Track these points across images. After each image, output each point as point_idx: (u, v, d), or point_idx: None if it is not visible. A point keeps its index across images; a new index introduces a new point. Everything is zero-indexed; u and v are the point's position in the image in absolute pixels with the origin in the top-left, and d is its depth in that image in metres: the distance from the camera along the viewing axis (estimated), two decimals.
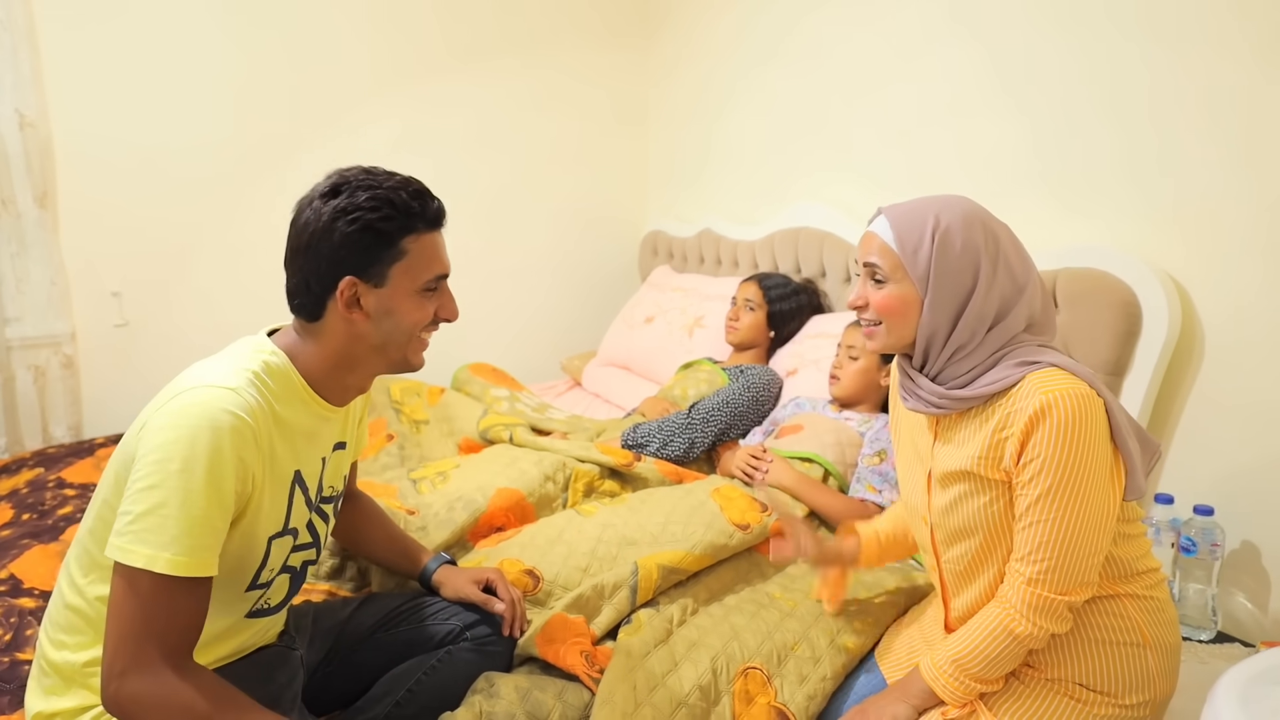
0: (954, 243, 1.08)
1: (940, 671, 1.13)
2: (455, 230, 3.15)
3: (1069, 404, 1.01)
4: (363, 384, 1.14)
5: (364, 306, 1.05)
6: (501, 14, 2.95)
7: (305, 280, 1.04)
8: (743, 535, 1.54)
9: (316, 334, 1.07)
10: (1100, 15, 1.71)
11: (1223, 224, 1.55)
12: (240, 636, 1.11)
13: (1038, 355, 1.07)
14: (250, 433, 0.96)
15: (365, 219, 1.02)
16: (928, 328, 1.10)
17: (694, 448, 1.92)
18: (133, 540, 0.91)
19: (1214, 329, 1.57)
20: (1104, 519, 1.05)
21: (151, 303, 2.52)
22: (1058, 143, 1.82)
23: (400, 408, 2.29)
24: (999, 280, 1.08)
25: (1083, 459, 1.02)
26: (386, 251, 1.04)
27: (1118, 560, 1.13)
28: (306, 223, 1.03)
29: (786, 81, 2.59)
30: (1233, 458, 1.55)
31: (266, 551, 1.06)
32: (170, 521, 0.91)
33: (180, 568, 0.91)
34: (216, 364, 1.02)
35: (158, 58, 2.41)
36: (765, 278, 2.29)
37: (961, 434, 1.12)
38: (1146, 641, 1.12)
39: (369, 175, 1.06)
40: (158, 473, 0.91)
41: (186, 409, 0.94)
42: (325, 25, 2.65)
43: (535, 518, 1.68)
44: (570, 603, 1.35)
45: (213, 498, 0.93)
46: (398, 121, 2.82)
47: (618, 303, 3.28)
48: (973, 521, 1.12)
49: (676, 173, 3.23)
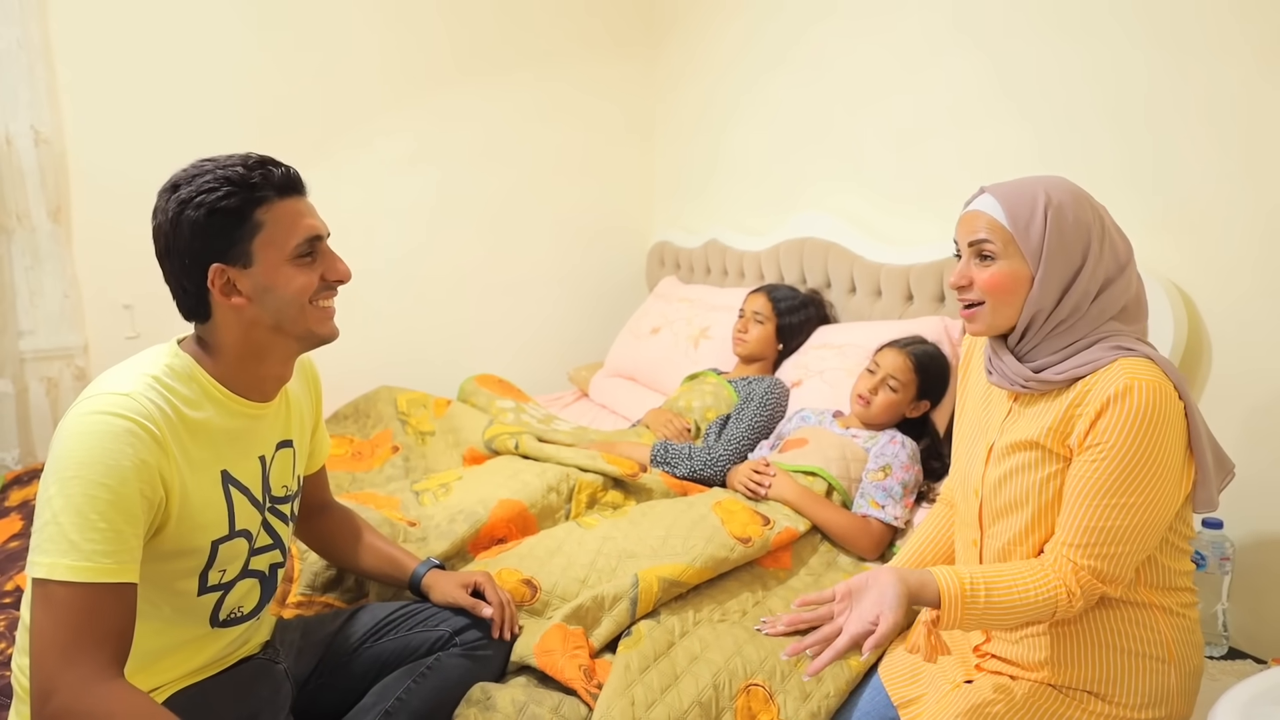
0: (1067, 216, 1.07)
1: (963, 586, 1.01)
2: (463, 241, 3.19)
3: (1148, 394, 1.00)
4: (281, 371, 1.12)
5: (241, 290, 1.02)
6: (510, 28, 2.97)
7: (178, 282, 1.03)
8: (744, 549, 1.53)
9: (213, 332, 1.05)
10: (1103, 22, 1.70)
11: (1226, 230, 1.54)
12: (213, 647, 1.10)
13: (1134, 345, 1.06)
14: (149, 436, 0.94)
15: (208, 202, 0.99)
16: (1035, 304, 1.08)
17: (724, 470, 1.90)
18: (36, 553, 0.89)
19: (1219, 336, 1.56)
20: (1159, 518, 1.03)
21: (163, 316, 2.48)
22: (1061, 150, 1.81)
23: (406, 419, 2.30)
24: (1105, 257, 1.08)
25: (1151, 451, 1.00)
26: (241, 229, 1.01)
27: (1161, 569, 1.10)
28: (159, 226, 1.02)
29: (792, 92, 2.59)
30: (1242, 469, 1.52)
31: (212, 554, 1.04)
32: (67, 528, 0.88)
33: (81, 573, 0.88)
34: (116, 372, 1.01)
35: (171, 75, 2.45)
36: (774, 289, 2.28)
37: (1038, 408, 1.11)
38: (1171, 658, 1.09)
39: (204, 161, 1.04)
40: (54, 483, 0.91)
41: (80, 419, 0.94)
42: (337, 41, 2.68)
43: (537, 529, 1.68)
44: (569, 613, 1.35)
45: (112, 502, 0.90)
46: (409, 135, 2.84)
47: (625, 313, 3.28)
48: (1025, 495, 1.11)
49: (683, 183, 3.23)
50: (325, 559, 1.46)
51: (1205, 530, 1.50)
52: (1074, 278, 1.08)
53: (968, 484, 1.23)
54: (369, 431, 2.35)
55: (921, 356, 1.79)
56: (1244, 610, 1.53)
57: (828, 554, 1.67)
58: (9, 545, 1.64)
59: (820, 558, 1.66)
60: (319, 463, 1.36)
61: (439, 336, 3.00)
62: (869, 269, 2.22)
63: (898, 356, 1.79)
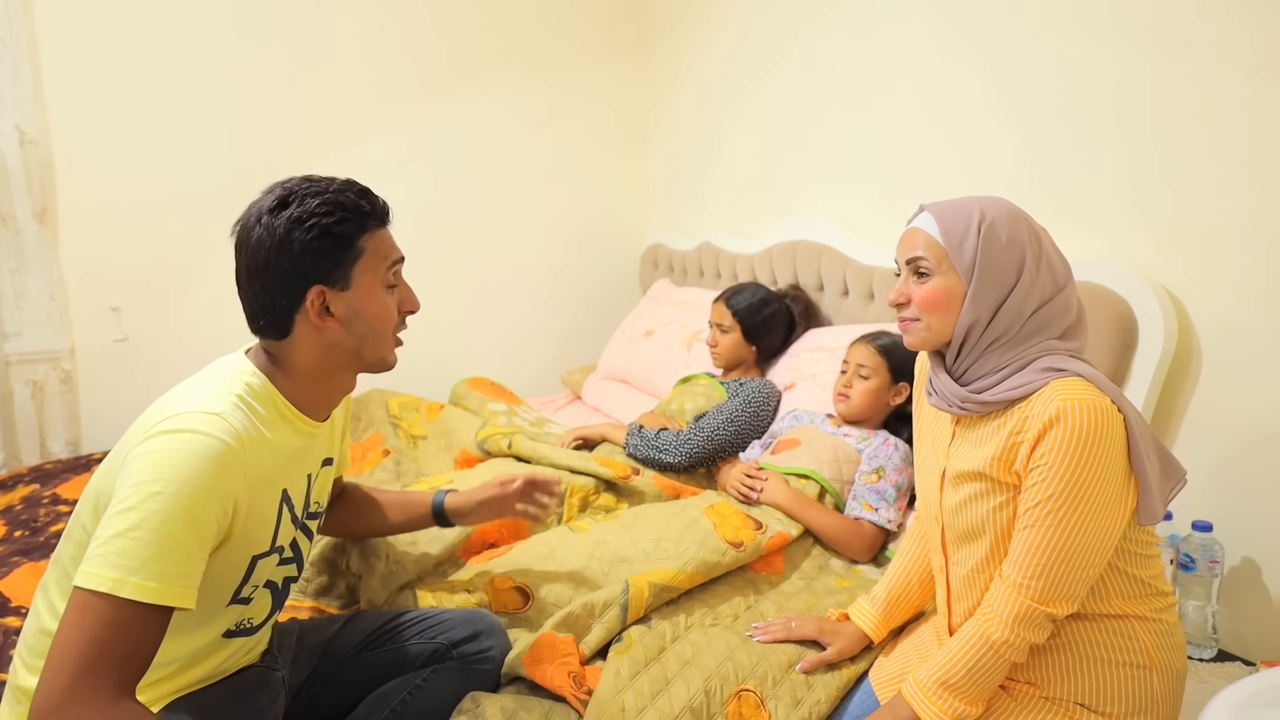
0: (1000, 235, 1.09)
1: (923, 689, 1.11)
2: (457, 243, 3.18)
3: (1083, 414, 1.00)
4: (342, 393, 1.14)
5: (334, 313, 1.04)
6: (502, 31, 2.96)
7: (270, 298, 1.03)
8: (736, 553, 1.53)
9: (288, 351, 1.06)
10: (1100, 26, 1.70)
11: (1218, 237, 1.54)
12: (217, 657, 1.10)
13: (1065, 364, 1.06)
14: (238, 459, 0.94)
15: (322, 224, 1.01)
16: (968, 319, 1.10)
17: (692, 459, 1.91)
18: (100, 564, 0.86)
19: (1210, 343, 1.56)
20: (1103, 536, 1.03)
21: (151, 318, 2.53)
22: (1056, 156, 1.81)
23: (398, 423, 2.29)
24: (1041, 277, 1.09)
25: (1089, 472, 1.01)
26: (346, 254, 1.04)
27: (1131, 580, 1.11)
28: (260, 240, 1.01)
29: (785, 95, 2.59)
30: (1231, 473, 1.53)
31: (250, 570, 1.04)
32: (143, 545, 0.87)
33: (148, 594, 0.86)
34: (198, 387, 1.01)
35: (159, 75, 2.43)
36: (731, 296, 2.23)
37: (979, 434, 1.12)
38: (1153, 664, 1.10)
39: (312, 182, 1.05)
40: (135, 495, 0.89)
41: (173, 435, 0.92)
42: (328, 42, 2.67)
43: (529, 533, 1.67)
44: (560, 621, 1.34)
45: (191, 526, 0.90)
46: (401, 137, 2.83)
47: (618, 316, 3.28)
48: (981, 523, 1.12)
49: (677, 186, 3.23)
50: (352, 536, 1.48)
51: (1195, 533, 1.50)
52: (1007, 295, 1.09)
53: (929, 509, 1.24)
54: (360, 434, 2.34)
55: (885, 342, 1.81)
56: (1233, 612, 1.54)
57: (820, 558, 1.67)
58: None
59: (813, 561, 1.66)
60: (342, 469, 1.36)
61: (430, 339, 2.97)
62: (862, 272, 2.22)
63: (862, 347, 1.82)
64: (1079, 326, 1.13)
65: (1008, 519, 1.09)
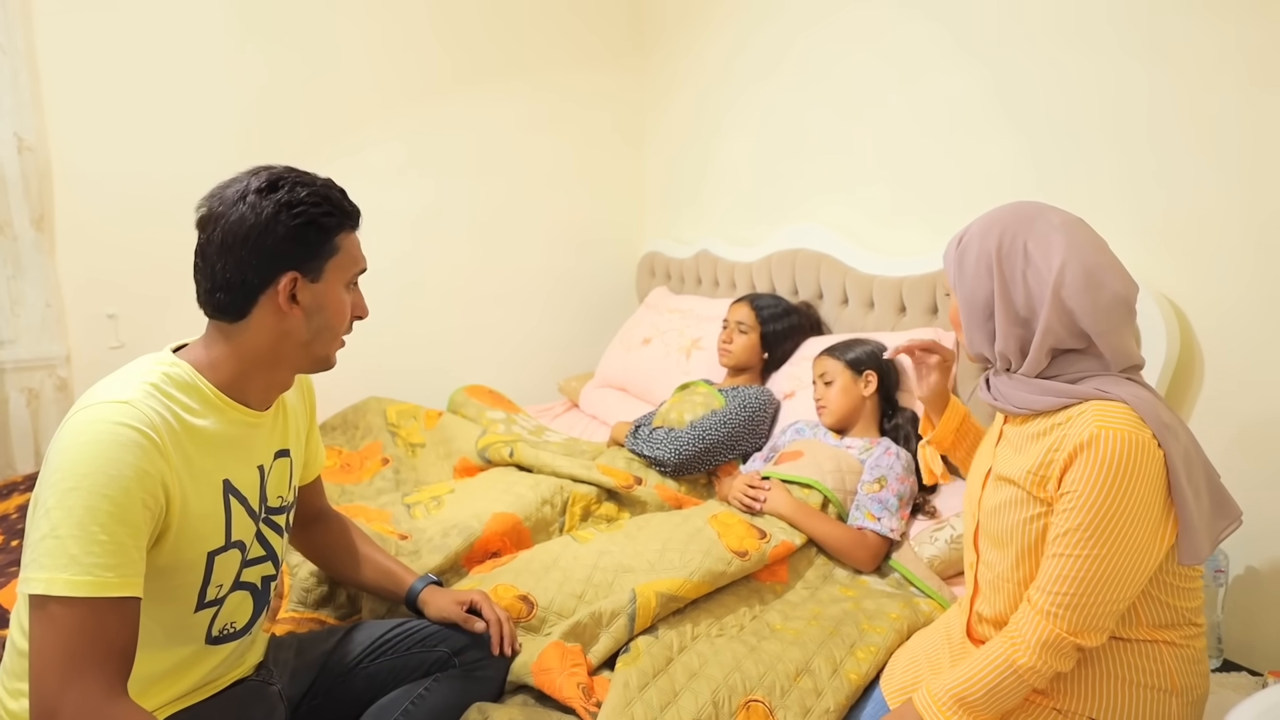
0: (969, 252, 1.12)
1: (936, 701, 1.09)
2: (454, 250, 3.17)
3: (1116, 444, 0.98)
4: (285, 382, 1.13)
5: (299, 301, 1.05)
6: (500, 37, 2.96)
7: (241, 274, 1.02)
8: (741, 562, 1.52)
9: (237, 334, 1.05)
10: (1099, 34, 1.72)
11: (1219, 243, 1.55)
12: (205, 665, 1.08)
13: (1114, 386, 1.04)
14: (151, 444, 0.92)
15: (309, 213, 1.03)
16: (966, 332, 1.16)
17: (681, 458, 1.91)
18: (34, 569, 0.86)
19: (1212, 350, 1.57)
20: (1134, 571, 1.00)
21: (148, 325, 2.51)
22: (1056, 162, 1.82)
23: (396, 431, 2.28)
24: (1017, 286, 1.08)
25: (1119, 504, 0.98)
26: (324, 247, 1.06)
27: (1168, 609, 1.09)
28: (243, 217, 1.01)
29: (783, 101, 2.60)
30: (1235, 481, 1.53)
31: (208, 567, 1.02)
32: (67, 541, 0.86)
33: (80, 588, 0.85)
34: (111, 381, 0.99)
35: (158, 82, 2.42)
36: (757, 299, 2.27)
37: (1021, 440, 1.12)
38: (1174, 688, 1.09)
39: (299, 173, 1.07)
40: (52, 495, 0.88)
41: (80, 428, 0.91)
42: (327, 50, 2.66)
43: (531, 542, 1.66)
44: (567, 630, 1.33)
45: (113, 514, 0.88)
46: (399, 144, 2.83)
47: (615, 324, 3.28)
48: (1010, 532, 1.11)
49: (674, 194, 3.24)
50: (322, 569, 1.44)
51: None
52: (989, 306, 1.11)
53: (970, 503, 1.24)
54: (358, 443, 2.32)
55: (837, 348, 1.93)
56: (1240, 622, 1.54)
57: (824, 567, 1.67)
58: None
59: (816, 571, 1.65)
60: (315, 472, 1.34)
61: (427, 346, 2.98)
62: (861, 281, 2.22)
63: (817, 360, 1.95)
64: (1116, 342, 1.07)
65: (1036, 534, 1.07)
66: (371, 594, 1.42)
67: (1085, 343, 1.07)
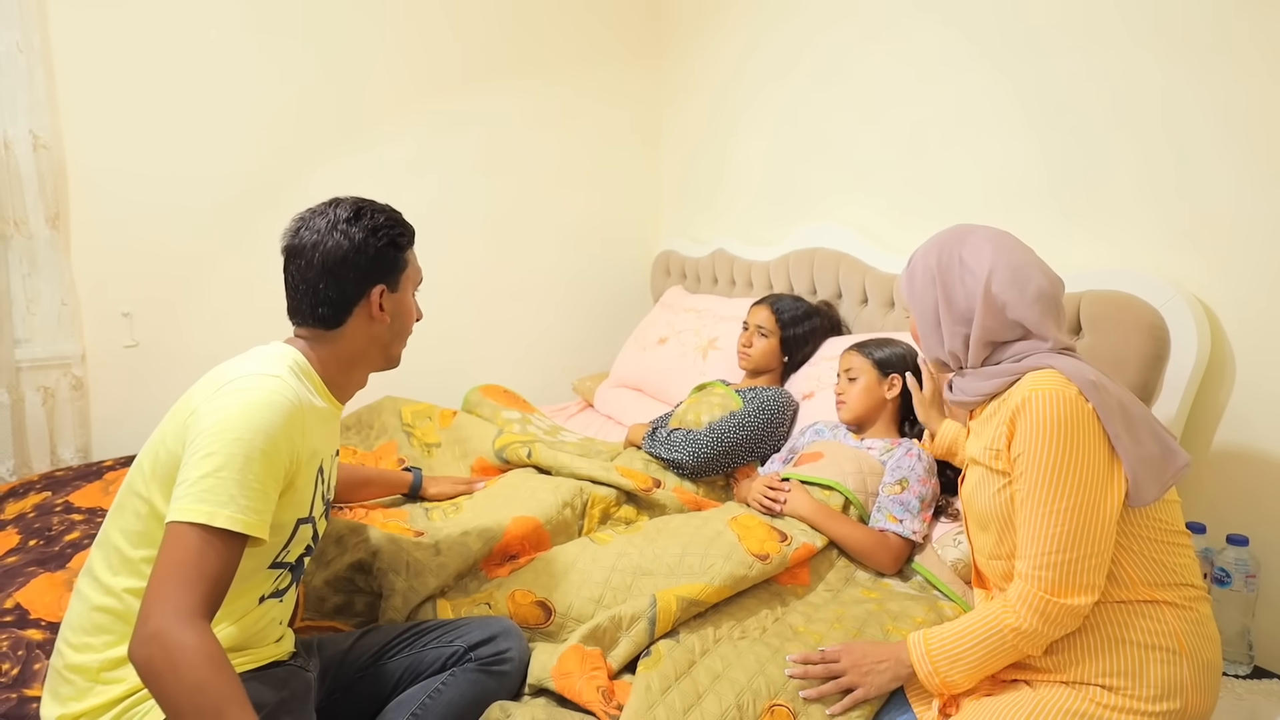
0: (914, 271, 1.29)
1: (929, 650, 1.19)
2: (468, 248, 3.16)
3: (1044, 404, 1.09)
4: (364, 379, 1.29)
5: (385, 309, 1.23)
6: (516, 34, 2.96)
7: (341, 291, 1.19)
8: (762, 566, 1.50)
9: (334, 339, 1.21)
10: (1115, 32, 1.69)
11: (1248, 242, 1.52)
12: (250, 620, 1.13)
13: (1050, 359, 1.16)
14: (298, 417, 1.07)
15: (390, 235, 1.21)
16: (922, 340, 1.31)
17: (699, 460, 1.90)
18: (193, 500, 0.97)
19: (1243, 352, 1.54)
20: (1098, 519, 1.08)
21: (162, 323, 2.51)
22: (1077, 162, 1.79)
23: (412, 431, 2.26)
24: (957, 290, 1.22)
25: (1064, 457, 1.08)
26: (399, 261, 1.24)
27: (1160, 566, 1.13)
28: (339, 244, 1.18)
29: (800, 101, 2.58)
30: (1267, 485, 1.51)
31: (292, 533, 1.14)
32: (229, 482, 0.98)
33: (238, 524, 0.97)
34: (252, 361, 1.13)
35: (173, 81, 2.42)
36: (777, 301, 2.23)
37: (980, 426, 1.25)
38: (1183, 650, 1.10)
39: (372, 202, 1.24)
40: (215, 441, 1.00)
41: (241, 392, 1.05)
42: (344, 48, 2.66)
43: (551, 545, 1.64)
44: (586, 634, 1.31)
45: (267, 467, 1.01)
46: (413, 141, 2.82)
47: (629, 323, 3.26)
48: (987, 510, 1.21)
49: (689, 192, 3.22)
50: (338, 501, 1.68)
51: (1230, 547, 1.48)
52: (935, 315, 1.26)
53: (962, 493, 1.34)
54: (372, 443, 2.31)
55: (869, 344, 1.88)
56: (1272, 627, 1.51)
57: (845, 569, 1.65)
58: (6, 561, 1.60)
59: (838, 573, 1.63)
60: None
61: (441, 344, 2.96)
62: (881, 280, 2.20)
63: (844, 355, 1.90)
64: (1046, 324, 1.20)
65: (1005, 505, 1.17)
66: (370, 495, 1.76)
67: (1020, 332, 1.20)
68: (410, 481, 1.84)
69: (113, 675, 1.04)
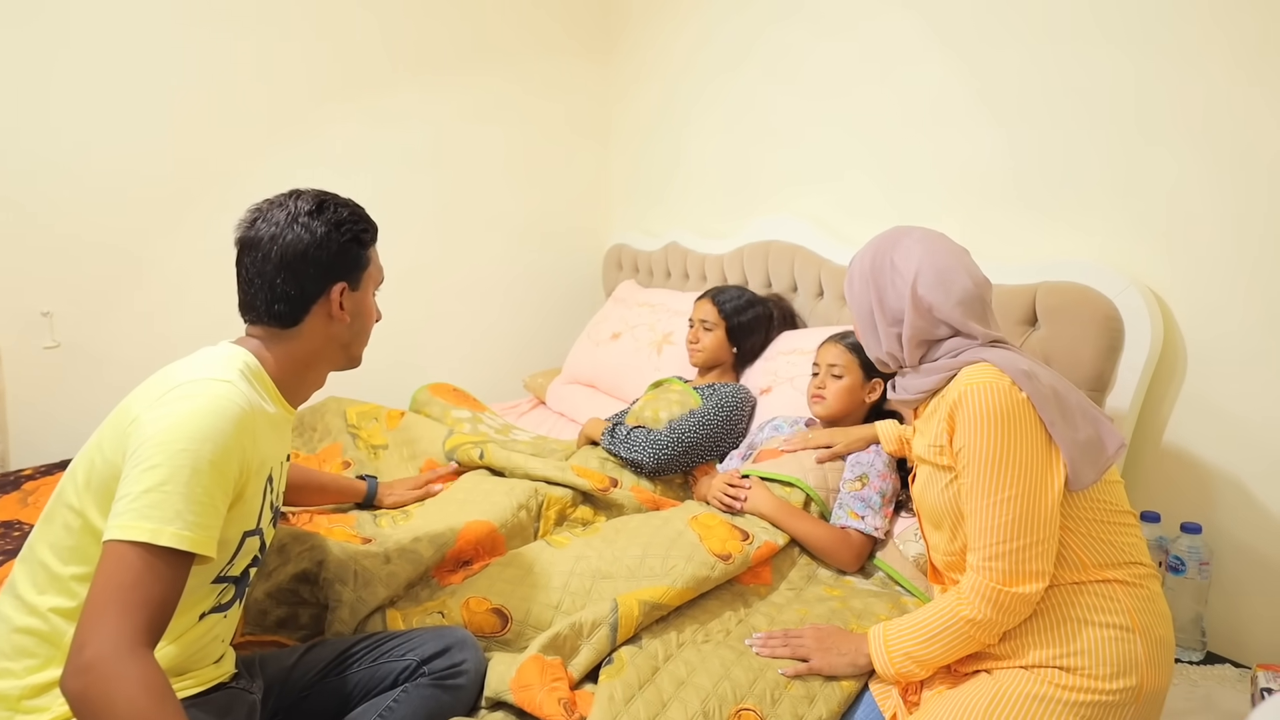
0: (852, 275, 1.32)
1: (886, 636, 1.22)
2: (411, 243, 3.05)
3: (980, 397, 1.12)
4: (321, 380, 1.23)
5: (345, 308, 1.17)
6: (459, 24, 2.86)
7: (300, 287, 1.13)
8: (725, 566, 1.47)
9: (290, 338, 1.15)
10: (1081, 24, 1.69)
11: (1202, 236, 1.54)
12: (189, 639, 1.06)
13: (980, 353, 1.19)
14: (249, 424, 1.01)
15: (353, 231, 1.17)
16: (862, 341, 1.34)
17: (659, 460, 1.85)
18: (134, 517, 0.91)
19: (1196, 343, 1.56)
20: (1041, 507, 1.10)
21: (87, 323, 2.36)
22: (1036, 155, 1.80)
23: (357, 432, 2.17)
24: (889, 293, 1.25)
25: (1003, 447, 1.10)
26: (362, 259, 1.19)
27: (1109, 546, 1.16)
28: (299, 237, 1.12)
29: (754, 92, 2.55)
30: (1220, 474, 1.54)
31: (239, 547, 1.07)
32: (174, 497, 0.92)
33: (184, 542, 0.91)
34: (199, 364, 1.07)
35: (95, 69, 2.27)
36: (718, 293, 2.21)
37: (923, 424, 1.28)
38: (1135, 627, 1.12)
39: (335, 195, 1.19)
40: (160, 452, 0.93)
41: (188, 398, 0.98)
42: (274, 33, 2.53)
43: (505, 549, 1.58)
44: (546, 643, 1.26)
45: (215, 479, 0.95)
46: (352, 133, 2.71)
47: (581, 318, 3.20)
48: (937, 506, 1.23)
49: (641, 185, 3.17)
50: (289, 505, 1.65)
51: (1184, 535, 1.50)
52: (870, 316, 1.28)
53: (913, 490, 1.35)
54: (315, 445, 2.22)
55: (854, 340, 1.79)
56: (1225, 615, 1.54)
57: (807, 567, 1.62)
58: None
59: (800, 571, 1.61)
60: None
61: (384, 341, 2.83)
62: (837, 273, 2.18)
63: (831, 347, 1.81)
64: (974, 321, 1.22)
65: (952, 499, 1.19)
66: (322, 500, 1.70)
67: (949, 331, 1.23)
68: (365, 490, 1.76)
69: (35, 704, 0.96)
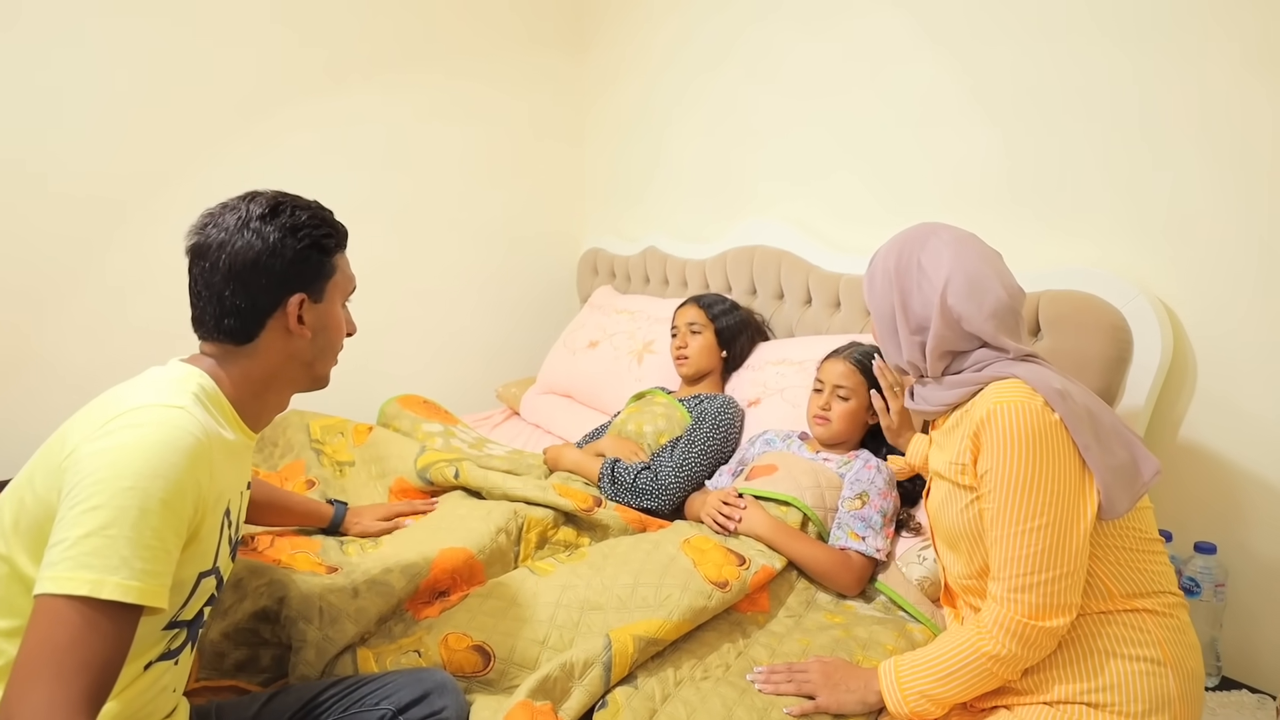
0: (874, 273, 1.23)
1: (898, 672, 1.13)
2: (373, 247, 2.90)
3: (1009, 417, 1.03)
4: (283, 403, 1.13)
5: (306, 322, 1.06)
6: (427, 19, 2.73)
7: (251, 300, 1.02)
8: (722, 595, 1.38)
9: (245, 356, 1.05)
10: (1079, 22, 1.63)
11: (1212, 245, 1.49)
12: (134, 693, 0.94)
13: (1009, 368, 1.10)
14: (205, 455, 0.90)
15: (313, 236, 1.05)
16: (881, 345, 1.25)
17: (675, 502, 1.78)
18: (72, 566, 0.79)
19: (1206, 355, 1.50)
20: (1072, 536, 1.02)
21: (15, 339, 2.18)
22: (1032, 156, 1.73)
23: (321, 448, 2.04)
24: (914, 297, 1.16)
25: (1033, 472, 1.02)
26: (324, 267, 1.08)
27: (1138, 574, 1.09)
28: (249, 244, 1.02)
29: (735, 92, 2.46)
30: (1234, 492, 1.48)
31: (194, 589, 0.97)
32: (119, 542, 0.81)
33: (131, 593, 0.81)
34: (147, 387, 0.95)
35: (39, 61, 2.11)
36: (701, 298, 2.15)
37: (943, 438, 1.19)
38: (1167, 659, 1.04)
39: (296, 197, 1.08)
40: (102, 492, 0.82)
41: (135, 428, 0.87)
42: (228, 26, 2.38)
43: (484, 578, 1.47)
44: (535, 687, 1.15)
45: (167, 520, 0.85)
46: (313, 133, 2.57)
47: (555, 325, 3.09)
48: (954, 527, 1.15)
49: (618, 188, 3.07)
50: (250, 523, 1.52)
51: (1198, 555, 1.44)
52: (893, 319, 1.20)
53: (928, 507, 1.27)
54: (276, 463, 2.08)
55: (862, 358, 1.70)
56: (1241, 638, 1.48)
57: (805, 592, 1.53)
58: None
59: (798, 596, 1.52)
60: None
61: (349, 352, 2.71)
62: (826, 279, 2.11)
63: (838, 364, 1.70)
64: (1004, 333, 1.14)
65: (973, 522, 1.11)
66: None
67: (978, 344, 1.15)
68: (330, 516, 1.62)
69: None
